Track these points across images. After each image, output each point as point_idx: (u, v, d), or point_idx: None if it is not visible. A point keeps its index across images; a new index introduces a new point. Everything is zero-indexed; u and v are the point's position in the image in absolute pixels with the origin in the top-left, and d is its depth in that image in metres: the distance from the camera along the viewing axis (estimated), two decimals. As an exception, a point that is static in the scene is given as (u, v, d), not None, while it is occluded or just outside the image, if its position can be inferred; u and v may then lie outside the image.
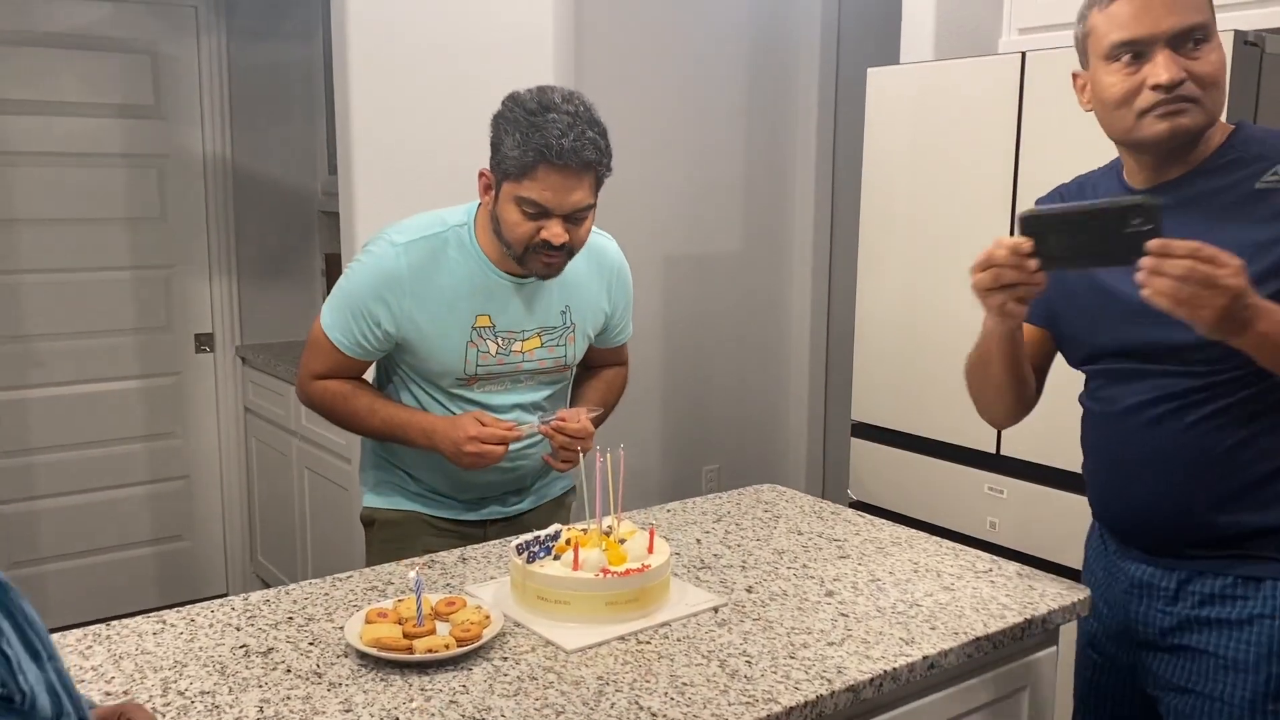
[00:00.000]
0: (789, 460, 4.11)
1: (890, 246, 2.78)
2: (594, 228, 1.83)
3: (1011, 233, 2.43)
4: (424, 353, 1.78)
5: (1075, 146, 2.32)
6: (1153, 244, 1.24)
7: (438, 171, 2.68)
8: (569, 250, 1.72)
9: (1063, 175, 2.35)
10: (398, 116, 2.82)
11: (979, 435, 2.58)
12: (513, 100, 1.68)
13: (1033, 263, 1.34)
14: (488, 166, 1.73)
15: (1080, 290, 1.53)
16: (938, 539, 1.81)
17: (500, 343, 1.81)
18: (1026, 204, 2.43)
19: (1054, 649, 1.56)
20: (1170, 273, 1.23)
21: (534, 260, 1.72)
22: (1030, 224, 1.35)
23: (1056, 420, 2.39)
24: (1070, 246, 1.32)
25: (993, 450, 2.55)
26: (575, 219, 1.69)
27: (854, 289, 2.93)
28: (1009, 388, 1.59)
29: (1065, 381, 2.34)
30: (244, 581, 4.02)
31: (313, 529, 3.45)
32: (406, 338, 1.77)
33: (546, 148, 1.61)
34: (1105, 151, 2.26)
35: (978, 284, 1.41)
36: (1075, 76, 1.58)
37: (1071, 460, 2.36)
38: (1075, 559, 2.34)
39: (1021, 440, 2.49)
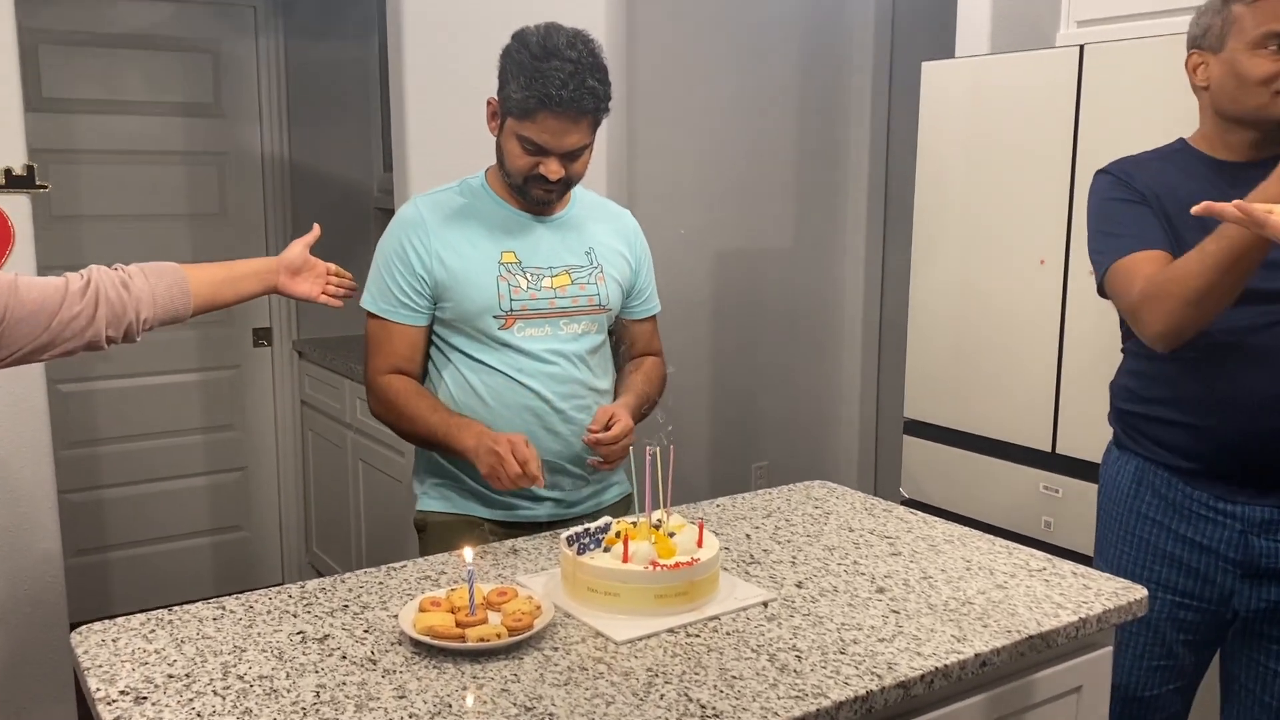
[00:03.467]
0: (840, 458, 4.09)
1: (945, 242, 2.75)
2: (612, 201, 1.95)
3: (1068, 245, 2.39)
4: (459, 293, 1.83)
5: (1135, 141, 2.28)
6: None
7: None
8: (566, 183, 1.81)
9: (1122, 170, 2.31)
10: (453, 114, 2.85)
11: (1035, 433, 2.55)
12: (520, 41, 1.75)
13: None
14: (495, 96, 1.82)
15: None
16: (991, 537, 1.79)
17: (529, 278, 1.85)
18: (1085, 198, 2.39)
19: (1108, 649, 1.54)
20: None
21: (533, 189, 1.82)
22: None
23: (1114, 419, 2.36)
24: None
25: (1049, 449, 2.52)
26: (572, 156, 1.78)
27: (906, 285, 2.90)
28: (1240, 287, 1.61)
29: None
30: (299, 572, 4.10)
31: (367, 521, 3.51)
32: (440, 280, 1.83)
33: (547, 97, 1.69)
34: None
35: None
36: (1191, 56, 1.79)
37: (1129, 459, 2.33)
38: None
39: (1078, 438, 2.45)
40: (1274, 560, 1.72)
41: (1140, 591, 1.55)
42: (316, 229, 1.88)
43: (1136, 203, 1.76)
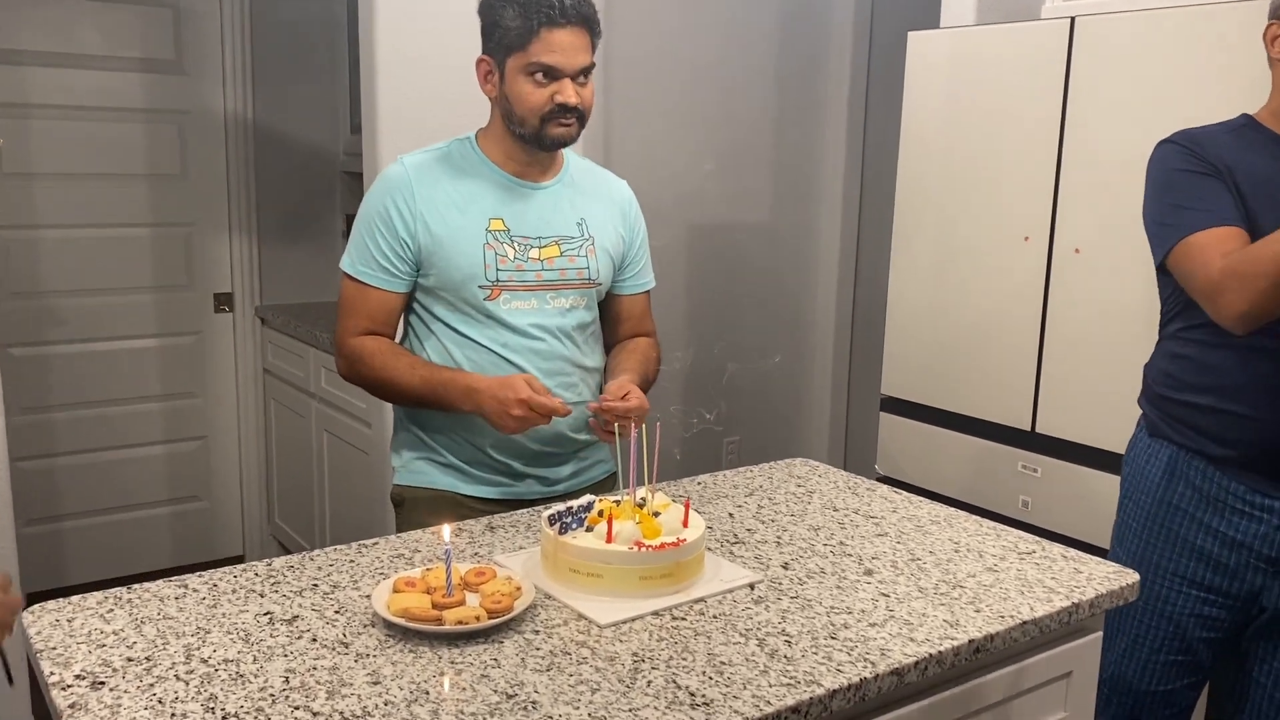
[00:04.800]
0: (811, 434, 4.06)
1: (927, 217, 2.71)
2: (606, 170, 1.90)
3: (1053, 222, 2.36)
4: (443, 260, 1.75)
5: (1125, 116, 2.25)
6: None
7: (463, 132, 2.62)
8: (580, 115, 1.75)
9: (1112, 146, 2.28)
10: (423, 76, 2.76)
11: (1014, 412, 2.52)
12: None
13: None
14: (484, 54, 1.76)
15: None
16: (978, 518, 1.76)
17: (517, 247, 1.78)
18: (1072, 177, 2.36)
19: (1098, 634, 1.51)
20: None
21: (552, 128, 1.74)
22: None
23: (1097, 399, 2.34)
24: None
25: (1028, 428, 2.49)
26: (581, 80, 1.73)
27: (883, 261, 2.86)
28: None
29: (1107, 362, 2.29)
30: (261, 544, 4.01)
31: (331, 493, 3.43)
32: (424, 245, 1.76)
33: (551, 8, 1.67)
34: (1158, 122, 2.19)
35: None
36: (1270, 26, 1.69)
37: (1110, 440, 2.32)
38: (1110, 540, 2.30)
39: (1059, 418, 2.43)
40: None
41: (1131, 576, 1.52)
42: None
43: (1209, 175, 1.66)
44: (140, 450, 3.78)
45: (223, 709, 1.09)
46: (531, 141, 1.76)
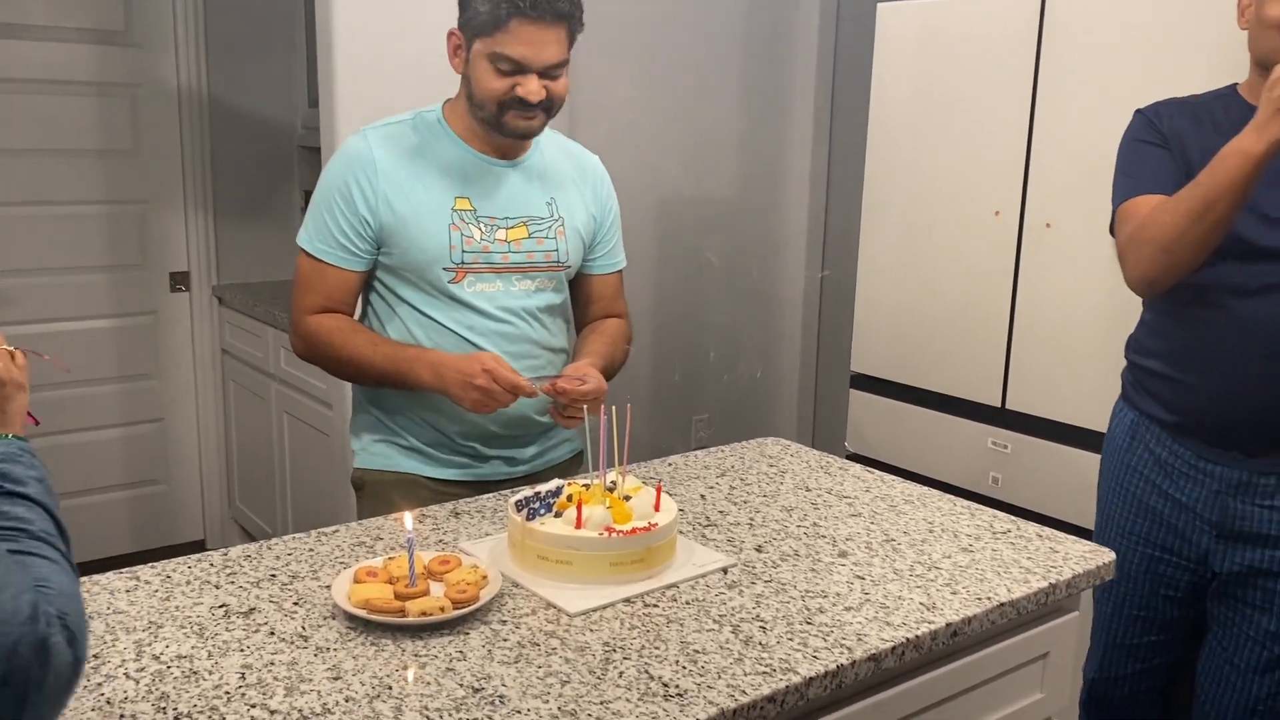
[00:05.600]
0: (780, 411, 4.04)
1: (896, 192, 2.68)
2: (577, 143, 1.82)
3: (1024, 197, 2.34)
4: (406, 240, 1.68)
5: (1097, 90, 2.22)
6: None
7: (424, 105, 2.55)
8: (547, 106, 1.67)
9: (1083, 118, 2.26)
10: (383, 47, 2.68)
11: (984, 388, 2.51)
12: None
13: None
14: (456, 28, 1.67)
15: None
16: (952, 498, 1.73)
17: (483, 228, 1.71)
18: (1044, 150, 2.34)
19: (1075, 614, 1.50)
20: None
21: (511, 118, 1.66)
22: None
23: (1065, 374, 2.33)
24: None
25: (998, 404, 2.48)
26: (550, 74, 1.64)
27: (851, 237, 2.83)
28: (1221, 231, 1.58)
29: (1077, 338, 2.27)
30: (222, 528, 3.94)
31: (293, 475, 3.36)
32: (385, 224, 1.68)
33: (519, 1, 1.56)
34: (1129, 96, 2.16)
35: None
36: None
37: (1080, 415, 2.31)
38: (1083, 516, 2.29)
39: (1029, 394, 2.42)
40: (1247, 523, 1.70)
41: (1108, 555, 1.51)
42: None
43: (1157, 145, 1.71)
44: (96, 433, 3.69)
45: (175, 709, 1.04)
46: (492, 127, 1.68)
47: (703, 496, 1.71)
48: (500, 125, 1.67)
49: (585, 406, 1.63)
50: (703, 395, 3.80)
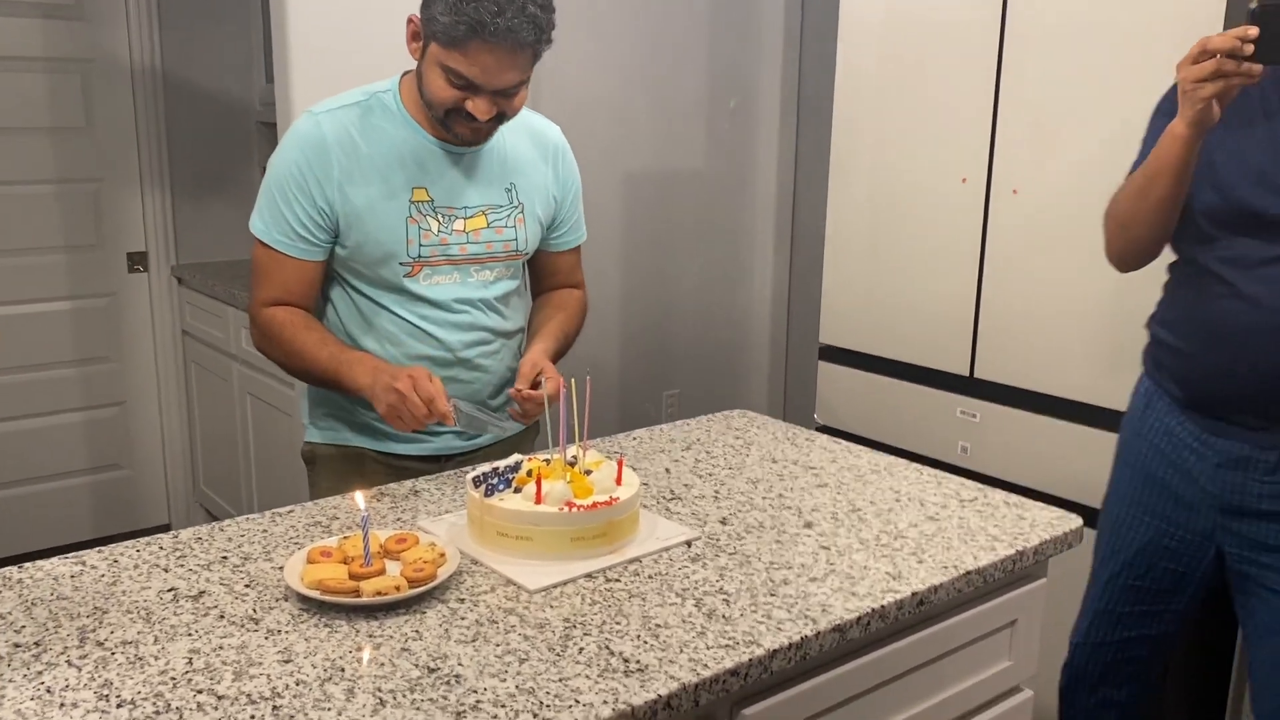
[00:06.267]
0: (751, 384, 4.03)
1: (862, 162, 2.65)
2: (536, 113, 1.74)
3: (991, 162, 2.32)
4: (361, 234, 1.62)
5: (1064, 56, 2.20)
6: None
7: (383, 78, 2.49)
8: (498, 119, 1.60)
9: (1048, 91, 2.24)
10: (339, 20, 2.61)
11: (953, 358, 2.49)
12: None
13: (1248, 49, 1.41)
14: (418, 13, 1.56)
15: (1249, 147, 1.55)
16: (919, 466, 1.72)
17: (441, 219, 1.65)
18: (1010, 116, 2.32)
19: (1042, 581, 1.49)
20: None
21: (457, 126, 1.60)
22: (1258, 15, 1.40)
23: (1035, 342, 2.32)
24: (1275, 42, 1.39)
25: (967, 373, 2.47)
26: (507, 94, 1.57)
27: (819, 209, 2.81)
28: (1166, 211, 1.60)
29: (1045, 305, 2.26)
30: (187, 511, 3.88)
31: (257, 457, 3.31)
32: (341, 215, 1.62)
33: (480, 25, 1.46)
34: (1093, 68, 2.14)
35: (1192, 75, 1.45)
36: None
37: (1048, 383, 2.30)
38: (1051, 484, 2.29)
39: (997, 362, 2.41)
40: (1249, 498, 1.64)
41: (1075, 521, 1.50)
42: None
43: (1167, 115, 1.62)
44: (55, 418, 3.62)
45: (118, 696, 1.01)
46: (439, 126, 1.61)
47: (667, 470, 1.68)
48: (446, 127, 1.60)
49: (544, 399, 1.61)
50: (673, 371, 3.78)
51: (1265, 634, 1.68)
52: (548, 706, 1.00)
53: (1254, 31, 1.40)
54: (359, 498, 1.26)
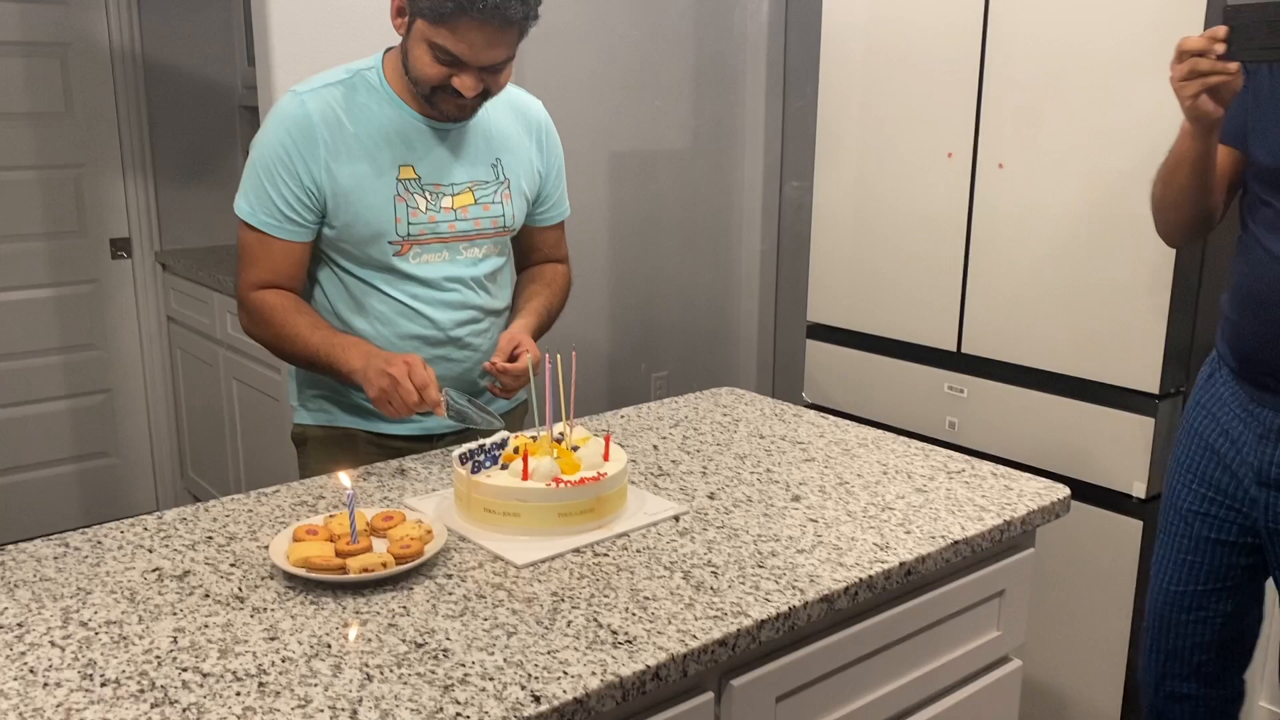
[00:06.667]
0: (740, 364, 4.02)
1: (849, 139, 2.64)
2: (519, 88, 1.74)
3: (976, 138, 2.31)
4: (349, 213, 1.61)
5: (1047, 29, 2.19)
6: None
7: (365, 57, 2.47)
8: (484, 95, 1.60)
9: (1032, 63, 2.23)
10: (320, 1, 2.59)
11: (939, 334, 2.49)
12: None
13: (1219, 48, 1.43)
14: None
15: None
16: (906, 439, 1.72)
17: (429, 197, 1.65)
18: (994, 91, 2.31)
19: (1030, 551, 1.49)
20: None
21: (442, 102, 1.59)
22: (1230, 14, 1.42)
23: (1020, 316, 2.32)
24: (1246, 40, 1.40)
25: (954, 349, 2.47)
26: (493, 70, 1.56)
27: (805, 187, 2.80)
28: (1192, 198, 1.63)
29: (1030, 280, 2.26)
30: (175, 499, 3.86)
31: (244, 442, 3.30)
32: (329, 195, 1.61)
33: (468, 2, 1.45)
34: (1080, 35, 2.14)
35: (1174, 76, 1.49)
36: None
37: (1035, 357, 2.30)
38: (1039, 458, 2.30)
39: (983, 337, 2.41)
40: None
41: (1062, 491, 1.50)
42: None
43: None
44: (40, 406, 3.59)
45: (102, 675, 1.00)
46: (424, 101, 1.61)
47: (655, 447, 1.68)
48: (431, 104, 1.60)
49: (528, 371, 1.60)
50: (662, 351, 3.77)
51: None
52: (536, 678, 1.00)
53: (1223, 31, 1.42)
54: (343, 477, 1.25)
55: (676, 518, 1.39)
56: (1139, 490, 2.15)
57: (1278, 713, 2.30)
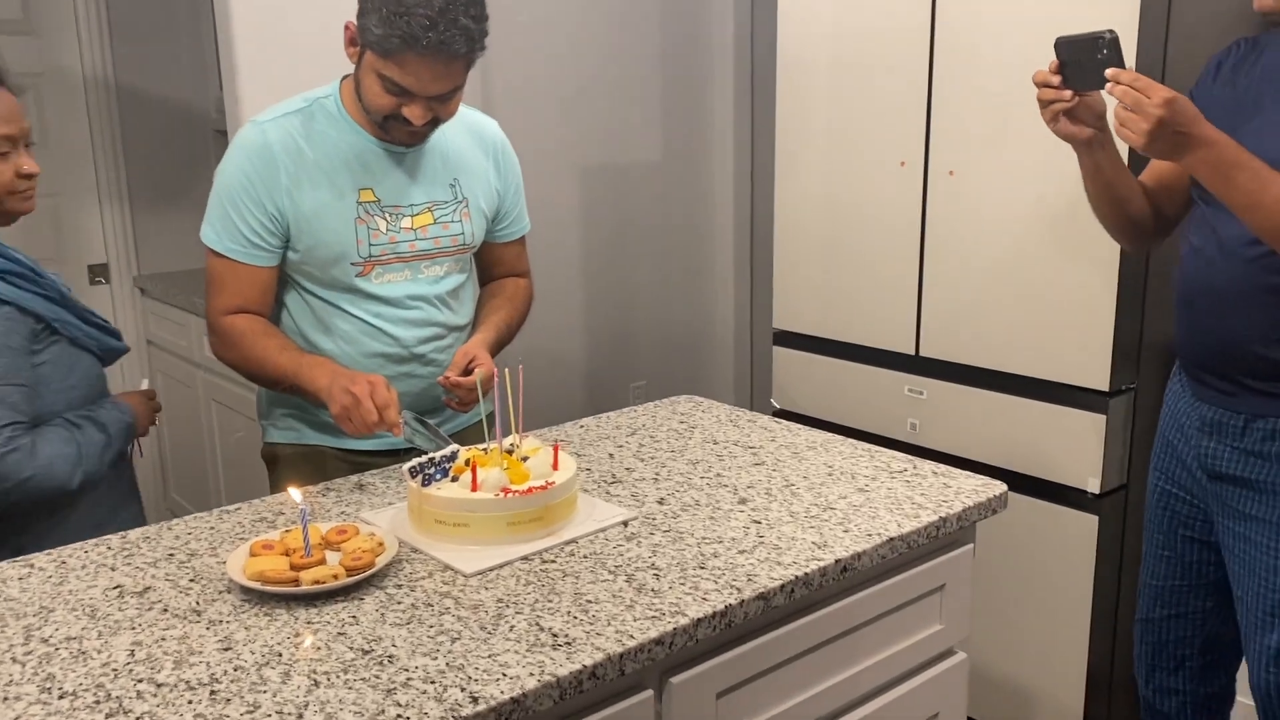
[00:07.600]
0: (716, 373, 4.07)
1: (808, 149, 2.70)
2: (474, 110, 1.80)
3: (927, 146, 2.37)
4: (312, 237, 1.67)
5: (991, 41, 2.25)
6: (1108, 72, 1.47)
7: (331, 82, 2.52)
8: (434, 123, 1.65)
9: (978, 72, 2.29)
10: (286, 24, 2.64)
11: (899, 338, 2.55)
12: None
13: (1055, 79, 1.56)
14: (354, 20, 1.60)
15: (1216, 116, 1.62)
16: (854, 441, 1.77)
17: (389, 218, 1.70)
18: (943, 99, 2.37)
19: (969, 546, 1.54)
20: (1115, 95, 1.45)
21: (394, 130, 1.65)
22: (1057, 48, 1.55)
23: (974, 319, 2.37)
24: (1075, 70, 1.53)
25: (912, 352, 2.52)
26: (441, 100, 1.61)
27: (774, 198, 2.85)
28: (1106, 208, 1.75)
29: (982, 282, 2.32)
30: (158, 519, 3.89)
31: (224, 462, 3.34)
32: (291, 220, 1.66)
33: (411, 38, 1.50)
34: (1023, 46, 2.20)
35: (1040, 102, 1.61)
36: None
37: (989, 358, 2.36)
38: (997, 456, 2.35)
39: (940, 340, 2.46)
40: (1219, 462, 1.69)
41: (1000, 488, 1.55)
42: None
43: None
44: (22, 433, 3.62)
45: (60, 688, 1.05)
46: (379, 127, 1.66)
47: (611, 455, 1.73)
48: (384, 131, 1.66)
49: (477, 388, 1.65)
50: (638, 361, 3.82)
51: (1238, 602, 1.72)
52: (475, 680, 1.05)
53: (1053, 65, 1.55)
54: (294, 493, 1.30)
55: (625, 523, 1.43)
56: (1094, 486, 2.21)
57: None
